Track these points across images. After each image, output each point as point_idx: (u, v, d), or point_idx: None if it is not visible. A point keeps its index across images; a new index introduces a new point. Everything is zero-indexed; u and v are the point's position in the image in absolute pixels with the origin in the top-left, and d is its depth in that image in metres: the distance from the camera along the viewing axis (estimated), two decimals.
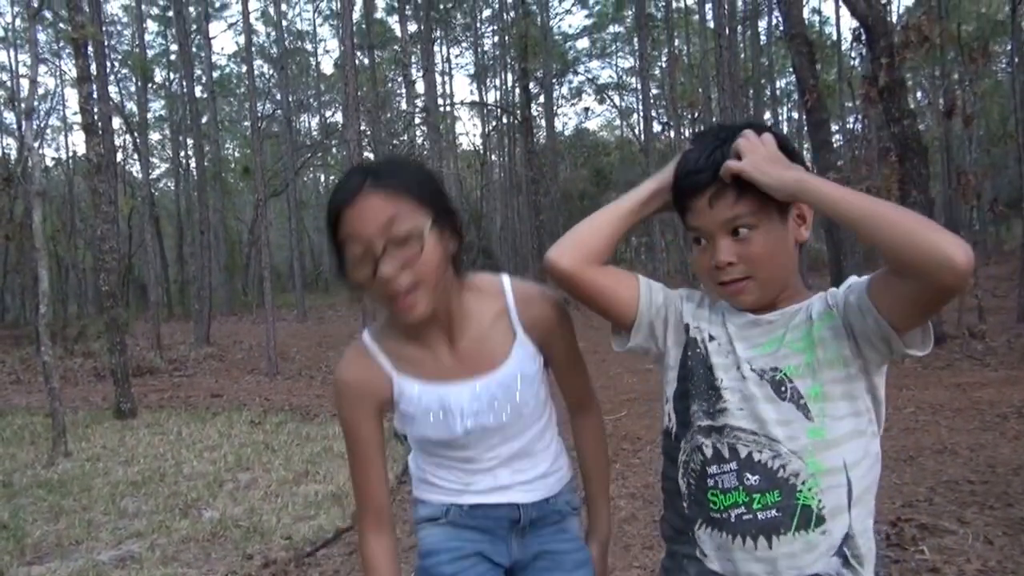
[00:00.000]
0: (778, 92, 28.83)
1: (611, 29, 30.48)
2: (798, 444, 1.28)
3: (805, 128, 11.17)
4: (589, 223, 1.43)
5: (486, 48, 33.22)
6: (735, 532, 1.30)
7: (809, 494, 1.28)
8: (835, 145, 18.47)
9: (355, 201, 1.36)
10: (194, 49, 23.98)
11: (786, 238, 1.31)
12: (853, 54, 21.45)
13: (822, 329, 1.30)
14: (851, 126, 25.27)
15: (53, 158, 33.35)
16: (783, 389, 1.30)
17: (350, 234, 1.37)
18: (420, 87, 22.74)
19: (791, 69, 13.30)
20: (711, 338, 1.38)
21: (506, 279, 1.57)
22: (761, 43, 23.82)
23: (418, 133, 19.91)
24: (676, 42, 25.54)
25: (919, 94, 25.44)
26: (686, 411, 1.38)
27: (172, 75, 28.50)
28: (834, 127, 21.04)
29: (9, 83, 26.86)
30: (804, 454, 1.28)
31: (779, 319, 1.34)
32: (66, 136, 32.58)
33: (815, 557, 1.28)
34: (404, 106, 17.53)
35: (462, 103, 35.42)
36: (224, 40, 52.80)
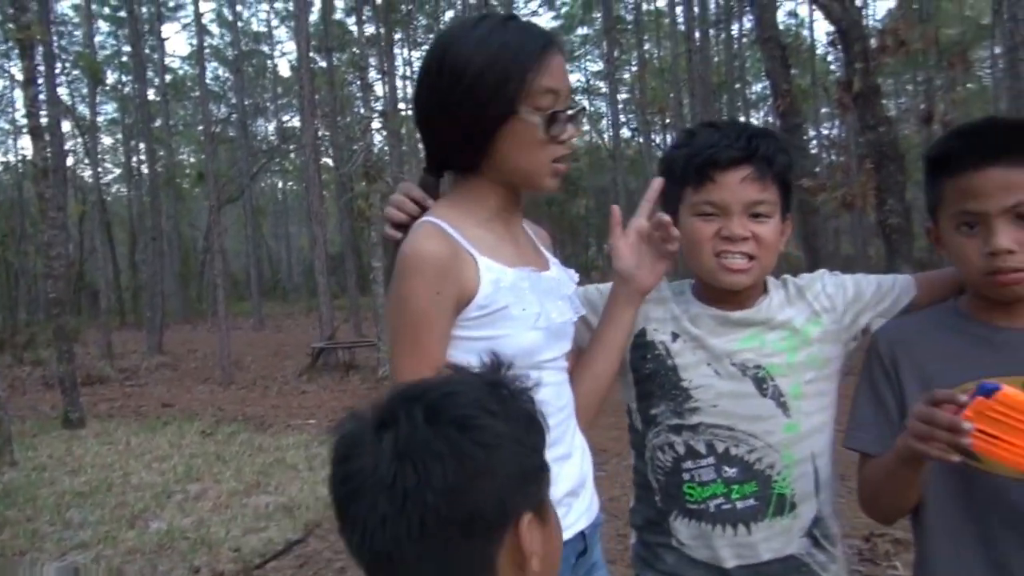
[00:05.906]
0: (752, 96, 28.48)
1: (579, 31, 30.22)
2: (774, 439, 1.36)
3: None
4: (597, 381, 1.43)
5: None
6: (715, 521, 1.38)
7: (784, 483, 1.37)
8: (811, 151, 18.47)
9: (557, 53, 1.27)
10: (147, 51, 23.53)
11: (780, 237, 1.40)
12: (829, 58, 21.51)
13: (811, 332, 1.40)
14: (827, 131, 25.33)
15: (2, 162, 32.54)
16: (765, 386, 1.37)
17: (557, 87, 1.27)
18: (380, 90, 22.54)
19: (765, 73, 13.16)
20: (674, 337, 1.41)
21: None
22: (734, 47, 23.73)
23: (377, 138, 19.66)
24: (647, 45, 25.29)
25: (901, 99, 25.31)
26: (648, 411, 1.44)
27: (124, 77, 27.89)
28: (811, 132, 20.98)
29: None
30: (779, 447, 1.37)
31: (749, 317, 1.40)
32: (15, 140, 31.56)
33: (789, 539, 1.38)
34: (363, 111, 17.19)
35: None
36: (178, 42, 51.76)
